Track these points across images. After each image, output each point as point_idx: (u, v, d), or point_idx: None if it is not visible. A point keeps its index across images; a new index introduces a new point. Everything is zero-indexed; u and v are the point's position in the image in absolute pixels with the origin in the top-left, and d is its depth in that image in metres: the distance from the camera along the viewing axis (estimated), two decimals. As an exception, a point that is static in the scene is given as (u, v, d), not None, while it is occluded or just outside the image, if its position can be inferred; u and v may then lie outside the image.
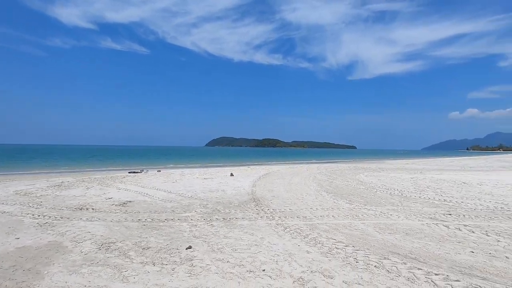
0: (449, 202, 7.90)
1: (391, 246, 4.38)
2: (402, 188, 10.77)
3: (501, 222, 5.79)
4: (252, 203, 7.87)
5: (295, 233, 5.03)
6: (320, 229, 5.30)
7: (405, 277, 3.30)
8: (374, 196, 8.96)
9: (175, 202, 7.92)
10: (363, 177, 14.72)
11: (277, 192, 9.79)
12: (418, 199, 8.48)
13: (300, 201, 8.06)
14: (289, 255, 3.99)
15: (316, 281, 3.22)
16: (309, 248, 4.29)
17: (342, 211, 6.86)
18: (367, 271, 3.45)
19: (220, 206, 7.37)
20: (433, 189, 10.52)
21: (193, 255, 4.00)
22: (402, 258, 3.87)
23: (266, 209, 7.01)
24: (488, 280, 3.23)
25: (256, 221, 5.90)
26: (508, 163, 33.02)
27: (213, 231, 5.20)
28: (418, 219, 6.08)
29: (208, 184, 11.79)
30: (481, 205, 7.53)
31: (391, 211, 6.85)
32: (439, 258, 3.88)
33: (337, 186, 11.39)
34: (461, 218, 6.12)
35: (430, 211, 6.84)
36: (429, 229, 5.33)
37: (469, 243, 4.54)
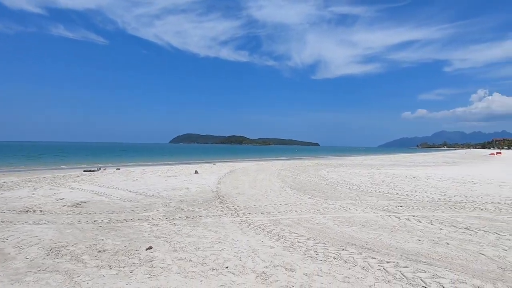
0: (401, 195, 8.56)
1: (349, 238, 4.62)
2: (360, 183, 11.42)
3: (443, 212, 6.40)
4: (216, 200, 7.79)
5: (259, 229, 5.09)
6: (284, 224, 5.42)
7: (361, 266, 3.50)
8: (335, 191, 9.39)
9: (135, 201, 7.56)
10: (325, 173, 15.34)
11: (242, 189, 9.81)
12: (374, 193, 9.06)
13: (264, 197, 8.17)
14: (252, 251, 4.02)
15: (278, 275, 3.29)
16: (272, 243, 4.36)
17: (305, 206, 7.09)
18: (326, 263, 3.61)
19: (183, 205, 7.19)
20: (387, 183, 11.30)
21: (154, 256, 3.85)
22: (358, 249, 4.10)
23: (231, 206, 6.99)
24: (431, 265, 3.55)
25: (220, 218, 5.86)
26: (450, 159, 36.68)
27: (176, 230, 5.06)
28: (373, 211, 6.49)
29: (171, 182, 11.43)
30: (428, 197, 8.27)
31: (350, 204, 7.23)
32: (390, 247, 4.19)
33: (300, 182, 11.74)
34: (410, 210, 6.65)
35: (384, 203, 7.34)
36: (382, 220, 5.72)
37: (416, 232, 4.96)
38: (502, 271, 3.38)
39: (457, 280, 3.13)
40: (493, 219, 5.83)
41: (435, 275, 3.25)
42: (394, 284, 3.04)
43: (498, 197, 8.32)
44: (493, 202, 7.49)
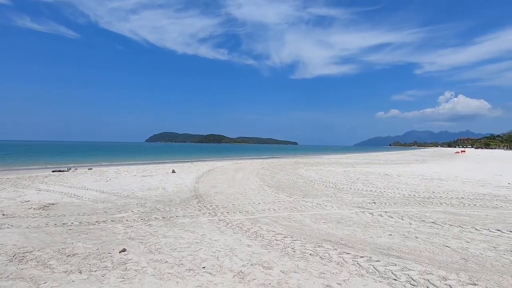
0: (374, 192, 8.89)
1: (325, 235, 4.73)
2: (336, 180, 11.73)
3: (413, 208, 6.73)
4: (194, 200, 7.68)
5: (237, 228, 5.08)
6: (262, 223, 5.45)
7: (336, 261, 3.60)
8: (312, 189, 9.57)
9: (108, 202, 7.28)
10: (302, 171, 15.60)
11: (221, 188, 9.75)
12: (349, 190, 9.34)
13: (243, 196, 8.16)
14: (230, 250, 4.00)
15: (255, 273, 3.30)
16: (250, 242, 4.37)
17: (283, 204, 7.17)
18: (303, 259, 3.67)
19: (160, 205, 7.02)
20: (362, 181, 11.70)
21: (128, 258, 3.73)
22: (334, 245, 4.21)
23: (209, 206, 6.92)
24: (401, 258, 3.72)
25: (198, 218, 5.78)
26: (420, 157, 38.62)
27: (151, 231, 4.92)
28: (348, 208, 6.69)
29: (147, 182, 11.12)
30: (399, 193, 8.65)
31: (326, 202, 7.41)
32: (364, 242, 4.34)
33: (278, 180, 11.85)
34: (383, 206, 6.93)
35: (359, 200, 7.60)
36: (357, 217, 5.92)
37: (388, 227, 5.17)
38: (465, 261, 3.61)
39: (425, 271, 3.30)
40: (457, 213, 6.21)
41: (405, 267, 3.41)
42: (367, 278, 3.15)
43: (462, 192, 8.87)
44: (457, 198, 7.98)
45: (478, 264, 3.51)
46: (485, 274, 3.24)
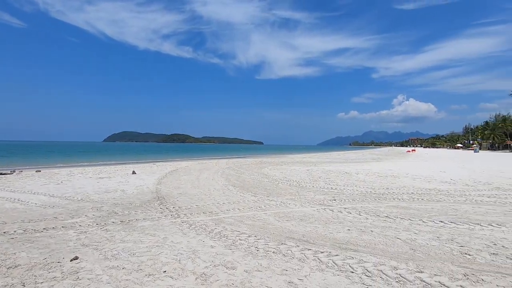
0: (335, 190, 9.30)
1: (288, 232, 4.84)
2: (300, 179, 12.07)
3: (369, 203, 7.16)
4: (156, 202, 7.39)
5: (201, 229, 4.98)
6: (226, 223, 5.41)
7: (298, 258, 3.70)
8: (276, 188, 9.74)
9: (59, 207, 6.71)
10: (267, 171, 15.81)
11: (184, 189, 9.50)
12: (312, 188, 9.66)
13: (207, 197, 8.04)
14: (193, 252, 3.91)
15: (218, 274, 3.26)
16: (213, 242, 4.31)
17: (247, 203, 7.19)
18: (266, 258, 3.71)
19: (118, 208, 6.64)
20: (323, 179, 12.17)
21: (80, 267, 3.46)
22: (296, 242, 4.32)
23: (171, 207, 6.70)
24: (358, 251, 3.94)
25: (159, 221, 5.57)
26: (376, 156, 41.28)
27: (108, 236, 4.63)
28: (310, 206, 6.92)
29: (104, 184, 10.46)
30: (357, 190, 9.15)
31: (290, 200, 7.58)
32: (324, 238, 4.51)
33: (244, 180, 11.88)
34: (342, 202, 7.28)
35: (321, 198, 7.89)
36: (318, 214, 6.14)
37: (347, 222, 5.44)
38: (413, 251, 3.92)
39: (379, 263, 3.52)
40: (407, 207, 6.73)
41: (361, 260, 3.61)
42: (327, 272, 3.28)
43: (412, 188, 9.65)
44: (408, 193, 8.66)
45: (424, 253, 3.84)
46: (430, 262, 3.55)
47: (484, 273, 3.21)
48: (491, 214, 6.00)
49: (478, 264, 3.48)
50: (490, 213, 6.04)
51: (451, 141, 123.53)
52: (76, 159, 30.48)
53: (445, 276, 3.16)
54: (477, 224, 5.21)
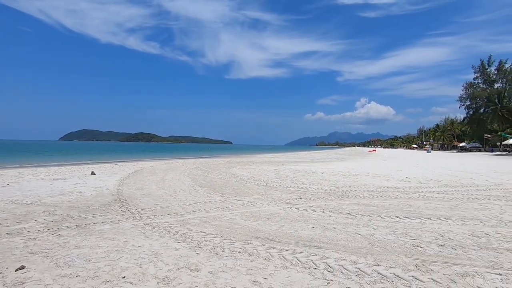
0: (301, 188, 9.53)
1: (254, 231, 4.85)
2: (267, 178, 12.20)
3: (333, 201, 7.44)
4: (117, 204, 7.01)
5: (164, 231, 4.81)
6: (191, 224, 5.28)
7: (263, 257, 3.72)
8: (244, 188, 9.74)
9: (4, 212, 6.09)
10: (236, 170, 15.76)
11: (148, 190, 9.13)
12: (279, 187, 9.81)
13: (172, 198, 7.80)
14: (155, 256, 3.76)
15: (182, 277, 3.17)
16: (177, 244, 4.19)
17: (214, 203, 7.10)
18: (231, 258, 3.68)
19: (73, 211, 6.18)
20: (290, 178, 12.42)
21: (27, 277, 3.16)
22: (262, 241, 4.34)
23: (134, 209, 6.40)
24: (321, 248, 4.06)
25: (120, 224, 5.28)
26: (340, 156, 43.11)
27: (61, 242, 4.29)
28: (277, 205, 7.01)
29: (58, 185, 9.70)
30: (322, 189, 9.47)
31: (257, 199, 7.62)
32: (289, 236, 4.59)
33: (211, 180, 11.72)
34: (308, 201, 7.47)
35: (287, 197, 8.03)
36: (284, 212, 6.24)
37: (311, 220, 5.59)
38: (371, 246, 4.14)
39: (340, 258, 3.66)
40: (367, 204, 7.10)
41: (324, 256, 3.72)
42: (291, 270, 3.34)
43: (372, 186, 10.21)
44: (368, 191, 9.14)
45: (381, 247, 4.07)
46: (386, 255, 3.77)
47: (432, 263, 3.48)
48: (439, 209, 6.53)
49: (428, 255, 3.76)
50: (439, 208, 6.58)
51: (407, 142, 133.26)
52: (26, 159, 27.91)
53: (399, 268, 3.37)
54: (428, 219, 5.64)
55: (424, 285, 2.97)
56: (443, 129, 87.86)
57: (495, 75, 57.57)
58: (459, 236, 4.54)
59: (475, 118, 60.82)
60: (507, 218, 5.68)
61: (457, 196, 8.18)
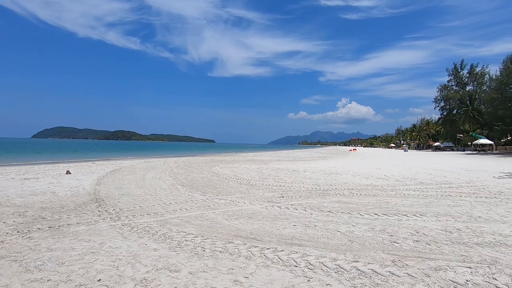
0: (283, 187, 9.60)
1: (236, 230, 4.82)
2: (250, 177, 12.19)
3: (314, 199, 7.54)
4: (93, 204, 6.75)
5: (143, 232, 4.69)
6: (172, 224, 5.18)
7: (244, 256, 3.70)
8: (226, 186, 9.68)
9: (-32, 214, 5.70)
10: (218, 169, 15.64)
11: (127, 189, 8.87)
12: (261, 186, 9.83)
13: (152, 197, 7.62)
14: (133, 257, 3.65)
15: (161, 278, 3.09)
16: (157, 245, 4.08)
17: (196, 203, 7.00)
18: (212, 258, 3.64)
19: (46, 212, 5.89)
20: (273, 176, 12.48)
21: (-8, 283, 2.97)
22: (243, 240, 4.33)
23: (111, 210, 6.19)
24: (302, 245, 4.10)
25: (96, 225, 5.09)
26: (322, 154, 43.87)
27: (31, 245, 4.07)
28: (259, 203, 7.02)
29: (30, 185, 9.22)
30: (303, 187, 9.58)
31: (239, 198, 7.59)
32: (271, 235, 4.60)
33: (193, 179, 11.56)
34: (290, 199, 7.53)
35: (269, 195, 8.06)
36: (266, 211, 6.25)
37: (293, 218, 5.64)
38: (351, 243, 4.23)
39: (320, 255, 3.71)
40: (347, 202, 7.25)
41: (305, 254, 3.76)
42: (272, 268, 3.34)
43: (352, 184, 10.45)
44: (348, 189, 9.34)
45: (360, 244, 4.16)
46: (365, 251, 3.86)
47: (408, 259, 3.60)
48: (415, 206, 6.78)
49: (404, 251, 3.89)
50: (415, 205, 6.83)
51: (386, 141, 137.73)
52: (-4, 157, 26.38)
53: (376, 263, 3.46)
54: (404, 215, 5.84)
55: (400, 280, 3.06)
56: (419, 129, 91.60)
57: (467, 78, 60.70)
58: (433, 232, 4.73)
59: (449, 119, 63.89)
60: (477, 214, 5.98)
61: (431, 193, 8.53)
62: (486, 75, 55.88)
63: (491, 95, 45.47)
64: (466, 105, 59.61)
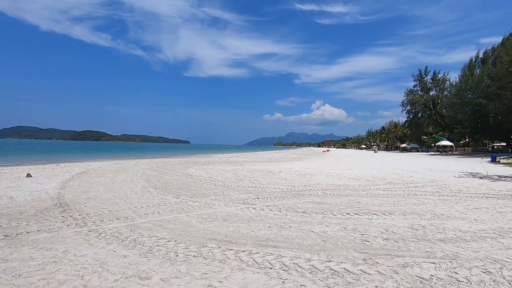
0: (258, 188, 9.61)
1: (210, 233, 4.73)
2: (225, 179, 12.08)
3: (289, 200, 7.62)
4: (57, 209, 6.32)
5: (112, 238, 4.45)
6: (143, 228, 4.97)
7: (219, 259, 3.63)
8: (201, 188, 9.51)
9: None
10: (193, 171, 15.35)
11: (95, 192, 8.42)
12: (237, 187, 9.77)
13: (123, 201, 7.29)
14: (100, 265, 3.44)
15: (130, 286, 2.94)
16: (126, 251, 3.90)
17: (169, 206, 6.79)
18: (185, 263, 3.53)
19: (2, 219, 5.42)
20: (248, 178, 12.46)
21: None
22: (218, 243, 4.25)
23: (77, 215, 5.83)
24: (277, 247, 4.11)
25: (59, 232, 4.76)
26: (297, 155, 44.62)
27: (-17, 256, 3.71)
28: (235, 205, 6.96)
29: (-16, 190, 8.44)
30: (279, 188, 9.66)
31: (214, 200, 7.48)
32: (246, 237, 4.57)
33: (166, 181, 11.24)
34: (265, 200, 7.55)
35: (244, 197, 8.03)
36: (242, 213, 6.21)
37: (268, 219, 5.65)
38: (324, 243, 4.31)
39: (295, 256, 3.74)
40: (321, 202, 7.41)
41: (279, 255, 3.77)
42: (247, 271, 3.31)
43: (325, 184, 10.71)
44: (322, 189, 9.56)
45: (333, 244, 4.25)
46: (338, 251, 3.95)
47: (378, 257, 3.74)
48: (384, 205, 7.08)
49: (374, 249, 4.03)
50: (384, 204, 7.13)
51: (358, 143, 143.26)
52: None
53: (349, 262, 3.55)
54: (375, 214, 6.07)
55: (371, 277, 3.16)
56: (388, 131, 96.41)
57: (430, 84, 64.94)
58: (401, 230, 4.95)
59: (414, 122, 67.86)
60: (439, 211, 6.36)
61: (399, 192, 8.96)
62: (447, 81, 60.31)
63: (451, 100, 49.00)
64: (429, 109, 63.73)
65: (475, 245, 4.21)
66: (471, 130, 48.05)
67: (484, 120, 43.66)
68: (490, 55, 44.59)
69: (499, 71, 34.38)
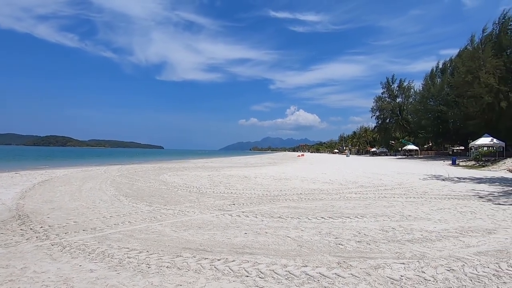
0: (234, 194, 9.53)
1: (185, 242, 4.59)
2: (200, 185, 11.86)
3: (265, 206, 7.62)
4: (15, 221, 5.83)
5: (78, 251, 4.17)
6: (112, 240, 4.71)
7: (193, 269, 3.53)
8: (175, 195, 9.25)
9: None
10: (166, 177, 14.91)
11: (60, 202, 7.88)
12: (212, 194, 9.62)
13: (90, 211, 6.88)
14: (64, 282, 3.20)
15: (97, 303, 2.76)
16: (94, 265, 3.66)
17: (141, 215, 6.52)
18: (158, 275, 3.38)
19: (-51, 235, 4.89)
20: (224, 184, 12.33)
21: None
22: (193, 252, 4.14)
23: (38, 227, 5.41)
24: (253, 254, 4.08)
25: (18, 246, 4.38)
26: (273, 160, 44.99)
27: None
28: (210, 212, 6.83)
29: None
30: (255, 193, 9.64)
31: (189, 208, 7.30)
32: (222, 245, 4.49)
33: (138, 188, 10.80)
34: (241, 206, 7.49)
35: (220, 203, 7.91)
36: (217, 219, 6.11)
37: (244, 226, 5.60)
38: (300, 248, 4.34)
39: (271, 263, 3.72)
40: (297, 206, 7.49)
41: (256, 262, 3.73)
42: (222, 280, 3.24)
43: (301, 189, 10.87)
44: (297, 194, 9.68)
45: (308, 248, 4.30)
46: (313, 255, 4.00)
47: (351, 259, 3.83)
48: (357, 208, 7.31)
49: (347, 252, 4.13)
50: (356, 207, 7.36)
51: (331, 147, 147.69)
52: None
53: (324, 266, 3.60)
54: (348, 217, 6.24)
55: (345, 280, 3.22)
56: (358, 136, 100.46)
57: (397, 91, 68.77)
58: (372, 232, 5.13)
59: (383, 127, 71.33)
60: (407, 213, 6.68)
61: (370, 195, 9.31)
62: (411, 89, 64.39)
63: (415, 107, 52.33)
64: (396, 115, 67.38)
65: (440, 244, 4.46)
66: (433, 135, 51.55)
67: (445, 126, 47.09)
68: (448, 66, 48.27)
69: (457, 80, 37.29)
